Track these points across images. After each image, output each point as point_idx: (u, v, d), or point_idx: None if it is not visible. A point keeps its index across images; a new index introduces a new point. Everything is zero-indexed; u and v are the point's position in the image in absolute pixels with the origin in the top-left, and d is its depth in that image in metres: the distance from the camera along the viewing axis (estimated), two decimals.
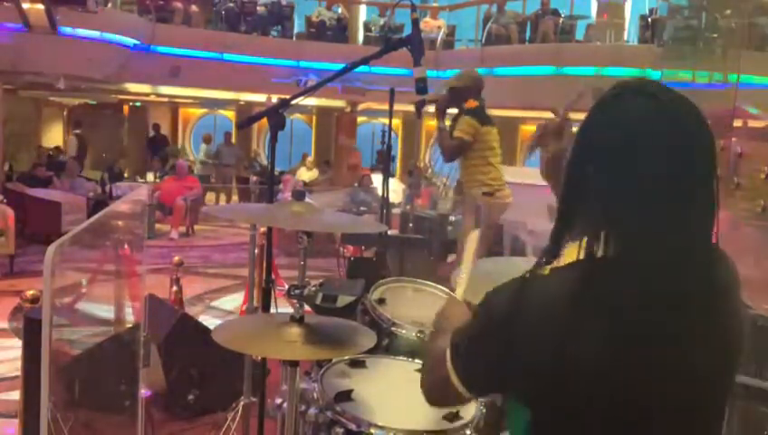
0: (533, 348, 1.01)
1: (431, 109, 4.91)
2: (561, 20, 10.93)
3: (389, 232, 4.90)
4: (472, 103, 4.65)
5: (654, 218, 1.02)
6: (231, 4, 11.50)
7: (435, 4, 13.42)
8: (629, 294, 1.01)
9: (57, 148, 13.98)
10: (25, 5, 8.39)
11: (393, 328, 2.25)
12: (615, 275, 1.02)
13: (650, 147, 1.03)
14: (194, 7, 11.54)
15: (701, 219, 1.06)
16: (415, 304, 2.46)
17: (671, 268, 1.02)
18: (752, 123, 3.21)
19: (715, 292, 1.08)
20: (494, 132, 4.72)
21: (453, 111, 4.79)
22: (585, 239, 1.05)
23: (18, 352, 2.73)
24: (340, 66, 2.31)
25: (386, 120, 4.62)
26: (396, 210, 7.69)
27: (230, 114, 16.93)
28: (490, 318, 1.09)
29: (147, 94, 14.00)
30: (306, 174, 13.24)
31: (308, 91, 2.31)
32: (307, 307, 1.89)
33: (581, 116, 1.14)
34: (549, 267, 1.08)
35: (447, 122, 4.79)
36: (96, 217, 2.28)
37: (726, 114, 3.24)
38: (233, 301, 6.34)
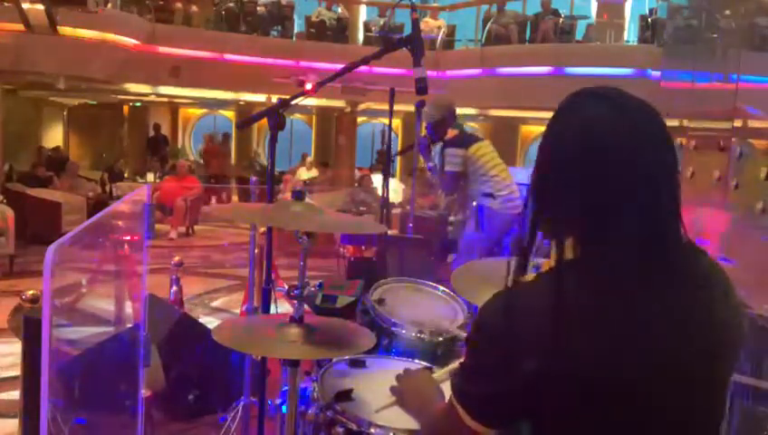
0: (535, 357, 0.99)
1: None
2: (561, 20, 10.93)
3: (389, 232, 4.90)
4: (451, 133, 4.67)
5: (622, 217, 1.03)
6: (231, 4, 11.50)
7: (435, 4, 13.43)
8: (607, 294, 1.02)
9: (57, 148, 13.99)
10: (25, 5, 8.39)
11: (393, 328, 2.25)
12: (592, 276, 1.03)
13: (610, 147, 1.04)
14: (194, 7, 11.55)
15: (669, 214, 1.07)
16: (415, 304, 2.46)
17: (646, 265, 1.03)
18: (752, 123, 3.21)
19: (695, 285, 1.08)
20: (483, 146, 4.70)
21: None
22: (556, 244, 1.06)
23: (18, 352, 2.73)
24: (340, 66, 2.31)
25: (386, 120, 4.62)
26: (396, 210, 7.69)
27: (230, 114, 16.94)
28: (486, 340, 1.07)
29: (147, 94, 14.00)
30: (306, 174, 13.25)
31: (308, 92, 2.30)
32: (307, 308, 1.89)
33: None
34: (534, 274, 1.09)
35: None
36: (96, 217, 2.29)
37: (726, 114, 3.24)
38: (233, 301, 6.34)
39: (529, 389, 1.01)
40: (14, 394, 3.38)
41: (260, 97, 12.45)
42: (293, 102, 2.19)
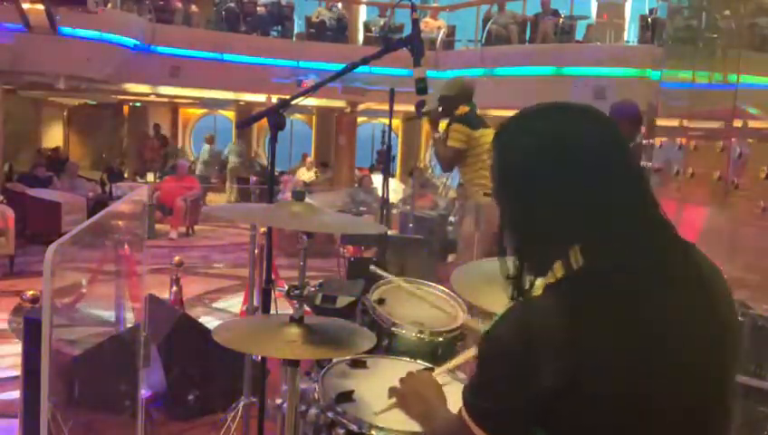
0: (550, 371, 0.99)
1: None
2: (561, 20, 10.93)
3: (389, 232, 4.91)
4: (463, 110, 4.64)
5: (616, 218, 1.05)
6: (231, 4, 11.50)
7: (435, 4, 13.42)
8: (618, 306, 1.02)
9: (57, 148, 13.99)
10: (25, 5, 8.38)
11: (393, 328, 2.25)
12: (600, 287, 1.03)
13: (581, 152, 1.06)
14: (194, 7, 11.54)
15: (661, 214, 1.09)
16: (415, 304, 2.46)
17: (656, 267, 1.04)
18: (752, 123, 3.21)
19: (701, 283, 1.09)
20: (488, 134, 4.70)
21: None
22: (568, 253, 1.05)
23: (18, 352, 2.73)
24: (340, 66, 2.31)
25: (386, 120, 4.62)
26: (395, 210, 7.70)
27: (230, 114, 16.93)
28: (500, 355, 1.05)
29: (147, 94, 14.00)
30: (306, 174, 13.25)
31: (308, 92, 2.30)
32: (307, 308, 1.89)
33: None
34: (541, 285, 1.09)
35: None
36: (96, 217, 2.29)
37: (726, 114, 3.24)
38: (233, 301, 6.34)
39: (543, 402, 1.00)
40: (14, 394, 3.38)
41: (260, 97, 12.43)
42: (293, 102, 2.18)
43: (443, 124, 4.74)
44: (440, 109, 4.69)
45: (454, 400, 1.38)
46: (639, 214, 1.07)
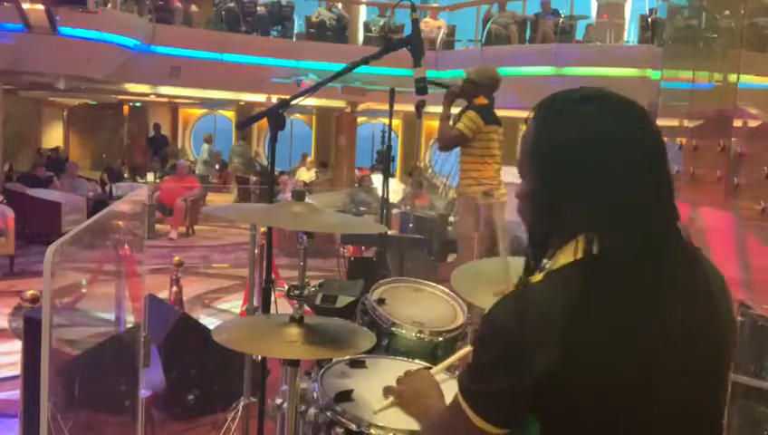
0: (545, 355, 0.99)
1: (432, 109, 4.91)
2: (561, 20, 10.93)
3: (389, 232, 4.91)
4: (481, 100, 4.67)
5: (638, 215, 1.04)
6: (231, 4, 11.50)
7: (435, 5, 13.42)
8: (630, 290, 1.02)
9: (57, 148, 13.99)
10: (25, 5, 8.39)
11: (393, 328, 2.25)
12: (613, 273, 1.03)
13: (620, 146, 1.05)
14: (194, 7, 11.55)
15: (671, 211, 1.09)
16: (415, 304, 2.46)
17: (662, 261, 1.05)
18: (752, 123, 3.21)
19: (704, 280, 1.10)
20: (498, 132, 4.72)
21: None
22: (578, 241, 1.05)
23: (18, 352, 2.73)
24: (340, 66, 2.31)
25: (386, 120, 4.62)
26: (395, 210, 7.70)
27: (230, 114, 16.94)
28: (497, 339, 1.05)
29: (147, 94, 14.00)
30: (306, 174, 13.26)
31: (308, 92, 2.30)
32: (307, 308, 1.89)
33: None
34: (541, 273, 1.09)
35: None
36: (96, 217, 2.28)
37: (726, 114, 3.25)
38: (233, 301, 6.34)
39: (538, 387, 1.00)
40: (14, 394, 3.38)
41: (260, 97, 12.44)
42: (293, 102, 2.19)
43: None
44: (462, 90, 4.71)
45: (452, 397, 1.38)
46: (657, 216, 1.06)
